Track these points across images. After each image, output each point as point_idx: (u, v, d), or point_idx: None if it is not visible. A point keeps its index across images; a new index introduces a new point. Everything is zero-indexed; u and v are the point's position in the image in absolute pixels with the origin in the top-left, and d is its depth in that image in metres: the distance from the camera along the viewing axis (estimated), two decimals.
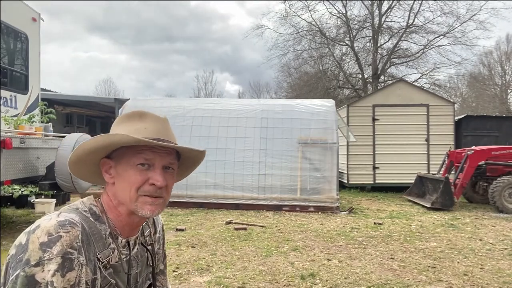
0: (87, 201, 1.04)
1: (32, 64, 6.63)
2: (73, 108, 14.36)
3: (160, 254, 1.27)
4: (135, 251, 1.11)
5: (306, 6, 20.17)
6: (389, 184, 10.47)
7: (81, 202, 1.04)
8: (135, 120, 1.07)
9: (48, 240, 0.87)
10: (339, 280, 3.71)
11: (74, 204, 1.03)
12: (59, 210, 0.98)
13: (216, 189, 7.69)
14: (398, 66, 21.10)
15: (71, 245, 0.88)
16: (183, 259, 4.29)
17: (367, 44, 20.82)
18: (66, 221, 0.91)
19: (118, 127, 1.08)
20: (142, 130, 1.04)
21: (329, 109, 8.38)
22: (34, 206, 6.99)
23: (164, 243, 1.31)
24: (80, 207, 1.02)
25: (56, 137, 6.05)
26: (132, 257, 1.08)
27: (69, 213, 0.96)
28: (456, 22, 18.92)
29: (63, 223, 0.90)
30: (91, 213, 1.01)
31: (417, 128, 10.53)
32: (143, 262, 1.14)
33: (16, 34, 6.26)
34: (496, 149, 8.21)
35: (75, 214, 0.97)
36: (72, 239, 0.89)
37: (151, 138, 1.02)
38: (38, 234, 0.88)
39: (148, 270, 1.18)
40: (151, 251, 1.19)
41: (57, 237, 0.87)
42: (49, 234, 0.88)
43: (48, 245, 0.86)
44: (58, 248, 0.86)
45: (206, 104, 8.94)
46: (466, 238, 5.44)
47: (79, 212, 0.99)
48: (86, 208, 1.02)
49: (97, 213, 1.02)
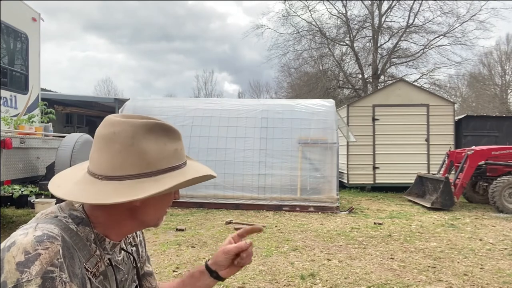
0: (65, 207, 0.92)
1: (32, 64, 6.63)
2: (73, 108, 14.35)
3: (143, 257, 1.22)
4: (121, 257, 1.04)
5: (306, 6, 20.20)
6: (389, 184, 10.47)
7: (59, 208, 0.92)
8: (171, 138, 0.90)
9: (25, 259, 0.77)
10: (339, 280, 3.71)
11: (51, 212, 0.90)
12: (35, 220, 0.87)
13: (216, 189, 7.69)
14: (398, 66, 21.15)
15: (51, 263, 0.78)
16: (183, 259, 4.29)
17: (367, 44, 20.86)
18: (44, 235, 0.81)
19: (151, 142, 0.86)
20: (180, 152, 0.92)
21: (329, 109, 8.38)
22: (34, 206, 6.98)
23: (146, 245, 1.26)
24: (59, 214, 0.89)
25: (56, 137, 6.05)
26: (118, 262, 1.02)
27: (46, 224, 0.84)
28: (456, 22, 18.96)
29: (41, 239, 0.80)
30: (72, 218, 0.89)
31: (417, 128, 10.53)
32: (129, 266, 1.08)
33: (16, 34, 6.26)
34: (496, 149, 8.21)
35: (54, 224, 0.85)
36: (52, 256, 0.79)
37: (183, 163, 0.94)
38: (14, 252, 0.78)
39: (133, 273, 1.12)
40: (136, 254, 1.14)
41: (35, 255, 0.77)
42: (26, 252, 0.77)
43: (25, 265, 0.76)
44: (37, 267, 0.76)
45: (206, 104, 8.95)
46: (466, 238, 5.44)
47: (58, 220, 0.87)
48: (65, 213, 0.90)
49: (79, 216, 0.90)
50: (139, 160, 0.85)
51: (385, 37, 20.39)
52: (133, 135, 0.85)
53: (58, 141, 5.68)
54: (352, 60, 21.61)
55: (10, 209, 7.26)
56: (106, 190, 0.84)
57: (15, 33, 6.24)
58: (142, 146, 0.85)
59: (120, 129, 0.85)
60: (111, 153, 0.85)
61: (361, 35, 20.75)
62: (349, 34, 20.37)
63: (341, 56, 21.63)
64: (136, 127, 0.86)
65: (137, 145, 0.85)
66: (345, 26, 20.32)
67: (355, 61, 21.06)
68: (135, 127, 0.85)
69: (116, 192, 0.83)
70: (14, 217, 6.61)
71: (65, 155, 5.08)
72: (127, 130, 0.85)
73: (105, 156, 0.86)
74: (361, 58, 20.90)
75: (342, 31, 20.61)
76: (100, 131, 0.88)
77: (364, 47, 20.93)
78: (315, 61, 22.52)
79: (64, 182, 0.92)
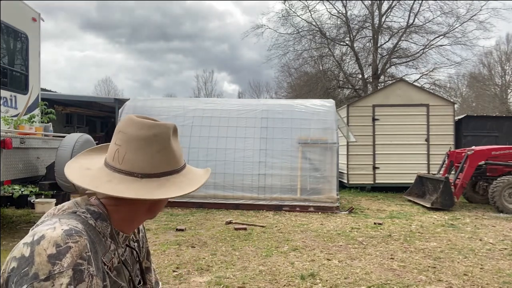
0: (81, 202, 0.95)
1: (32, 64, 6.63)
2: (73, 108, 14.34)
3: (144, 253, 1.25)
4: (127, 252, 1.08)
5: (306, 6, 20.20)
6: (389, 184, 10.47)
7: (75, 203, 0.94)
8: (177, 137, 1.00)
9: (57, 251, 0.80)
10: (339, 280, 3.71)
11: (68, 207, 0.93)
12: (55, 216, 0.90)
13: (216, 189, 7.69)
14: (398, 66, 21.14)
15: (80, 256, 0.82)
16: (183, 259, 4.29)
17: (367, 44, 20.85)
18: (72, 230, 0.84)
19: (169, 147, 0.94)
20: (178, 156, 0.97)
21: (329, 109, 8.38)
22: (34, 206, 6.99)
23: (146, 241, 1.29)
24: (77, 210, 0.92)
25: (56, 137, 6.05)
26: (126, 257, 1.06)
27: (70, 220, 0.88)
28: (456, 22, 18.95)
29: (70, 233, 0.83)
30: (90, 213, 0.93)
31: (417, 128, 10.53)
32: (132, 261, 1.11)
33: (16, 34, 6.26)
34: (496, 149, 8.21)
35: (76, 220, 0.89)
36: (81, 249, 0.83)
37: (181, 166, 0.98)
38: (45, 245, 0.80)
39: (136, 267, 1.15)
40: (138, 247, 1.17)
41: (66, 248, 0.81)
42: (57, 245, 0.80)
43: (57, 257, 0.79)
44: (69, 260, 0.80)
45: (206, 104, 8.94)
46: (466, 238, 5.44)
47: (78, 216, 0.91)
48: (83, 209, 0.93)
49: (97, 211, 0.94)
50: (172, 158, 0.95)
51: (385, 37, 20.41)
52: (169, 136, 0.94)
53: (58, 141, 5.67)
54: (352, 60, 21.62)
55: (10, 209, 7.26)
56: (151, 187, 0.90)
57: (15, 33, 6.24)
58: (173, 146, 0.95)
59: (159, 132, 0.93)
60: (151, 153, 0.92)
61: (361, 35, 20.76)
62: (349, 34, 20.37)
63: (341, 56, 21.64)
64: (170, 129, 0.95)
65: (171, 146, 0.94)
66: (345, 26, 20.32)
67: (355, 61, 21.06)
68: (170, 129, 0.95)
69: (161, 188, 0.91)
70: (14, 217, 6.61)
71: (65, 155, 5.08)
72: (166, 132, 0.93)
73: (143, 156, 0.92)
74: (361, 58, 20.90)
75: (342, 31, 20.62)
76: (138, 133, 0.92)
77: (364, 47, 20.94)
78: (315, 61, 22.52)
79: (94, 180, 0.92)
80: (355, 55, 20.67)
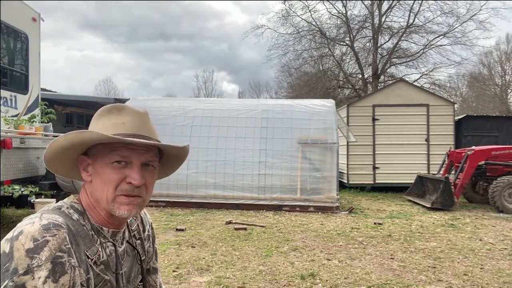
0: (67, 200, 1.01)
1: (32, 64, 6.63)
2: (73, 108, 14.35)
3: (150, 252, 1.24)
4: (123, 248, 1.07)
5: (306, 6, 20.20)
6: (389, 184, 10.47)
7: (61, 201, 1.00)
8: (114, 114, 1.02)
9: (34, 246, 0.82)
10: (339, 280, 3.71)
11: (55, 205, 0.98)
12: (40, 212, 0.93)
13: (216, 189, 7.69)
14: (398, 66, 21.13)
15: (59, 249, 0.84)
16: (183, 259, 4.29)
17: (367, 44, 20.85)
18: (51, 224, 0.86)
19: (96, 122, 1.03)
20: (120, 125, 0.99)
21: (329, 109, 8.39)
22: (34, 206, 6.98)
23: (154, 241, 1.27)
24: (62, 206, 0.98)
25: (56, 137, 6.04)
26: (119, 253, 1.04)
27: (51, 214, 0.91)
28: (456, 22, 18.94)
29: (48, 227, 0.85)
30: (73, 209, 0.97)
31: (417, 128, 10.53)
32: (132, 258, 1.11)
33: (16, 34, 6.26)
34: (496, 149, 8.21)
35: (58, 214, 0.92)
36: (59, 242, 0.84)
37: (128, 134, 0.97)
38: (23, 240, 0.82)
39: (137, 266, 1.14)
40: (140, 247, 1.15)
41: (44, 242, 0.83)
42: (34, 239, 0.82)
43: (35, 251, 0.81)
44: (46, 253, 0.82)
45: (206, 104, 8.95)
46: (466, 238, 5.44)
47: (61, 211, 0.95)
48: (68, 205, 0.98)
49: (80, 209, 0.99)
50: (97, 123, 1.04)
51: (385, 37, 20.40)
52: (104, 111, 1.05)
53: None
54: (352, 60, 21.61)
55: (10, 209, 7.25)
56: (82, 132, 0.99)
57: (15, 33, 6.24)
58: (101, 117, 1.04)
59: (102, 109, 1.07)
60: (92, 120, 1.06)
61: (361, 35, 20.75)
62: (349, 34, 20.36)
63: (341, 56, 21.63)
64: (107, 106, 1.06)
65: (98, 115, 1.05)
66: (345, 26, 20.31)
67: (355, 61, 21.05)
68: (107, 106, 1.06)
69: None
70: (14, 217, 6.60)
71: None
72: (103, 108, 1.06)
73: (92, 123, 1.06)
74: (361, 58, 20.89)
75: (342, 31, 20.62)
76: None
77: (364, 47, 20.94)
78: (315, 61, 22.52)
79: None
80: (355, 55, 20.67)
